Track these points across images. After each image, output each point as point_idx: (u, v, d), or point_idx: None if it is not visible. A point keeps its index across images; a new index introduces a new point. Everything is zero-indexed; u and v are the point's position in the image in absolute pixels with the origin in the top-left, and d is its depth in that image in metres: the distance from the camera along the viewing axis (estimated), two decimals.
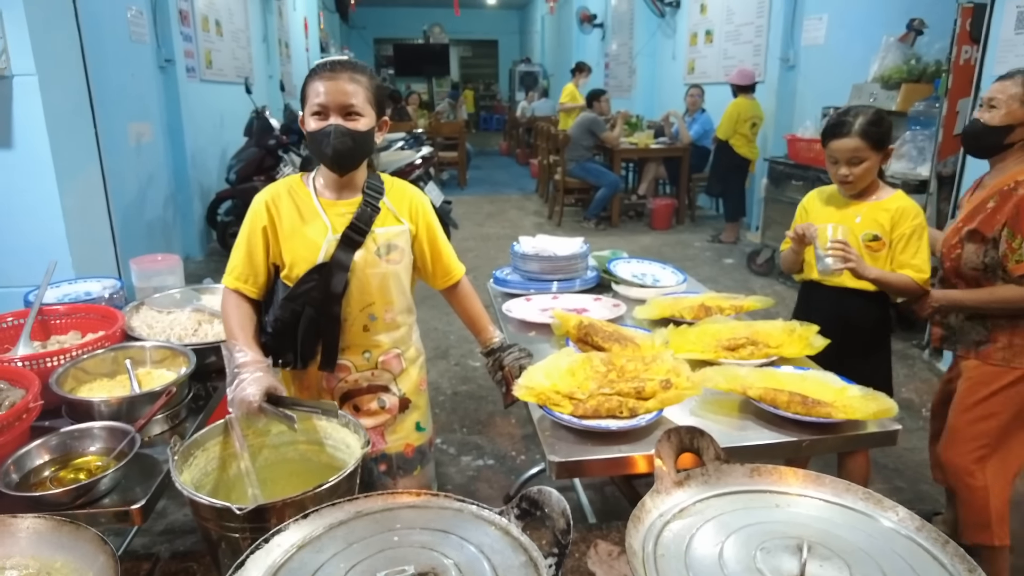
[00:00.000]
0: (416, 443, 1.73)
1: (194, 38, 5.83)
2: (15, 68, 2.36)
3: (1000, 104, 1.85)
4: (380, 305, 1.59)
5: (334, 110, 1.44)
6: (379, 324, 1.61)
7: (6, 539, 1.02)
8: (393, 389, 1.67)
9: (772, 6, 6.37)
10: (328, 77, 1.44)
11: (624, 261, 2.31)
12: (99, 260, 2.77)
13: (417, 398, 1.73)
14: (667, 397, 1.39)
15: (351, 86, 1.44)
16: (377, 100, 1.50)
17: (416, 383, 1.72)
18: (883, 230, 1.95)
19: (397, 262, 1.59)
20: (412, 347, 1.72)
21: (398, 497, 1.06)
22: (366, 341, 1.61)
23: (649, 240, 6.44)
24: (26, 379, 1.41)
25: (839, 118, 1.96)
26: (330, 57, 1.53)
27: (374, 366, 1.64)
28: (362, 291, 1.56)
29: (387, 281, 1.58)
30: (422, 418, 1.75)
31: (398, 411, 1.69)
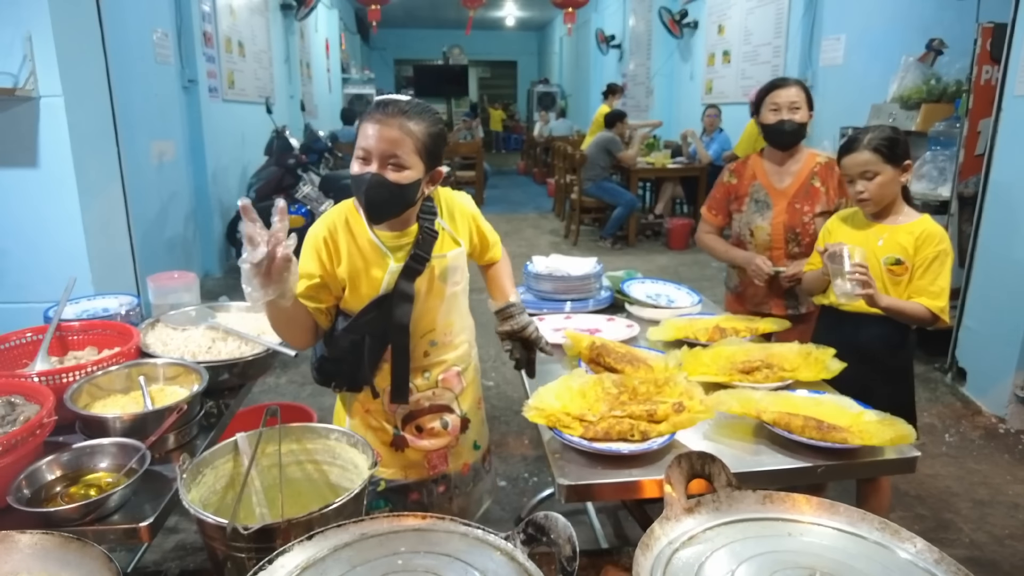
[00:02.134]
0: (471, 461, 1.72)
1: (217, 59, 5.95)
2: (42, 90, 2.41)
3: (802, 106, 2.25)
4: (441, 330, 1.58)
5: (376, 157, 1.36)
6: (439, 348, 1.60)
7: (13, 554, 1.02)
8: (455, 409, 1.65)
9: (790, 26, 6.37)
10: (377, 120, 1.35)
11: (638, 281, 2.30)
12: (118, 277, 2.81)
13: (475, 416, 1.71)
14: (679, 420, 1.37)
15: (399, 134, 1.35)
16: (430, 150, 1.40)
17: (476, 401, 1.72)
18: (906, 254, 1.91)
19: (459, 283, 1.59)
20: (472, 364, 1.71)
21: (404, 520, 1.05)
22: (427, 364, 1.60)
23: (666, 260, 6.41)
24: (41, 394, 1.42)
25: (852, 135, 1.96)
26: (391, 96, 1.41)
27: (434, 385, 1.61)
28: (424, 319, 1.54)
29: (450, 305, 1.58)
30: (479, 436, 1.74)
31: (460, 431, 1.66)
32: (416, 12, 16.12)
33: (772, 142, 2.33)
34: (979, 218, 3.43)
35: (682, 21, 8.97)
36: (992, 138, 3.33)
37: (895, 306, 1.87)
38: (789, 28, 6.38)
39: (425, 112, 1.41)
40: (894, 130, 1.95)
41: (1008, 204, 3.28)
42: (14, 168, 2.49)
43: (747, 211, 2.36)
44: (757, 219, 2.33)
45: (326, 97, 11.14)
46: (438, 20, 17.65)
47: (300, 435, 1.40)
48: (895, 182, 1.93)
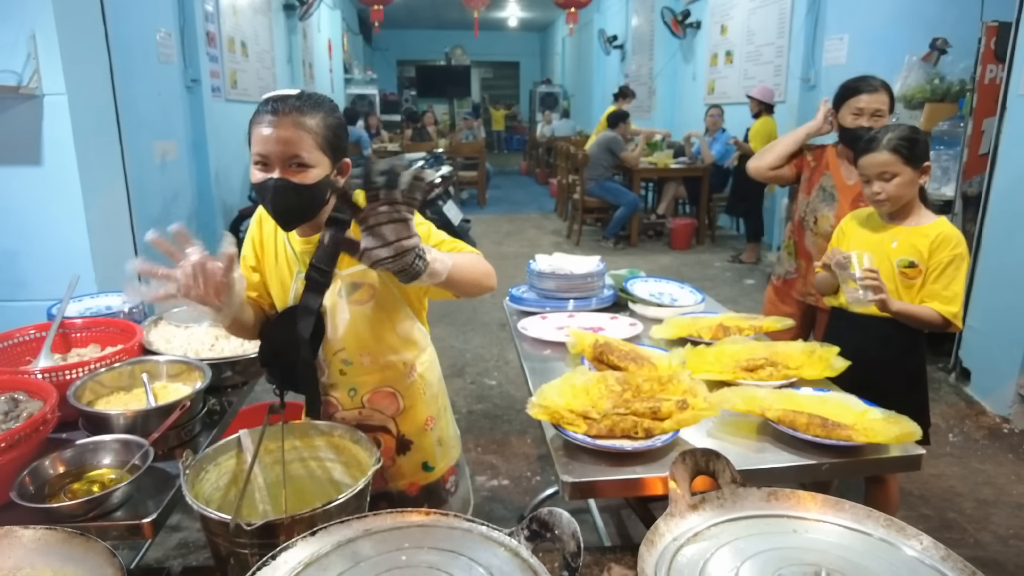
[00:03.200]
0: (423, 482, 1.61)
1: (220, 59, 5.95)
2: (46, 88, 2.42)
3: (885, 114, 2.22)
4: (353, 350, 1.46)
5: (277, 161, 1.25)
6: (355, 368, 1.48)
7: (16, 549, 1.02)
8: (391, 428, 1.54)
9: (793, 26, 6.37)
10: (270, 123, 1.24)
11: (641, 280, 2.29)
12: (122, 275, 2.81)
13: (421, 438, 1.57)
14: (683, 418, 1.36)
15: (295, 133, 1.24)
16: (332, 143, 1.30)
17: (420, 423, 1.57)
18: (920, 257, 1.88)
19: (364, 302, 1.43)
20: (413, 385, 1.54)
21: (407, 516, 1.04)
22: (347, 381, 1.50)
23: (668, 260, 6.40)
24: (44, 391, 1.42)
25: (871, 135, 1.92)
26: (276, 92, 1.30)
27: (361, 404, 1.51)
28: (331, 335, 1.44)
29: (356, 326, 1.43)
30: (430, 457, 1.60)
31: (395, 453, 1.56)
32: (418, 13, 16.13)
33: (848, 144, 2.30)
34: (983, 218, 3.42)
35: (684, 21, 8.97)
36: (996, 137, 3.32)
37: (907, 311, 1.85)
38: (792, 28, 6.37)
39: (319, 103, 1.31)
40: (913, 130, 1.90)
41: (1012, 203, 3.27)
42: (17, 166, 2.50)
43: (814, 198, 2.40)
44: (823, 208, 2.36)
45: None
46: (440, 21, 17.67)
47: (303, 432, 1.39)
48: (913, 184, 1.89)
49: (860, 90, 2.27)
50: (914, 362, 1.98)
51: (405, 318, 1.51)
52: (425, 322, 1.58)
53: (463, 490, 1.74)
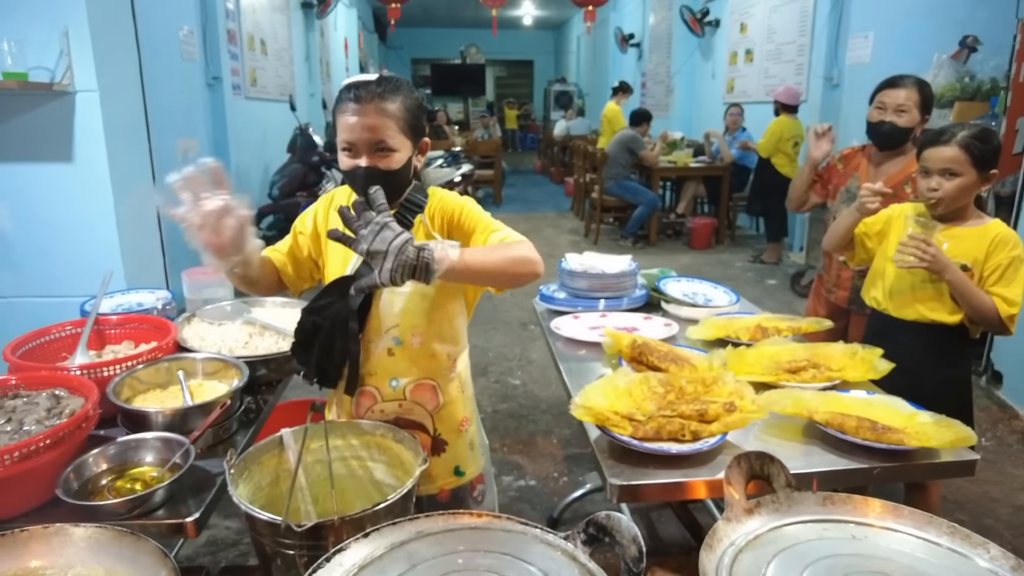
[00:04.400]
0: (450, 487, 1.58)
1: (240, 57, 5.97)
2: (78, 84, 2.42)
3: (910, 109, 2.21)
4: (405, 328, 1.46)
5: (363, 148, 1.31)
6: (405, 349, 1.47)
7: (68, 547, 1.01)
8: (427, 428, 1.52)
9: (815, 25, 6.30)
10: (354, 111, 1.29)
11: (674, 280, 2.27)
12: (149, 272, 2.81)
13: (456, 440, 1.56)
14: (731, 421, 1.34)
15: (379, 120, 1.29)
16: (413, 125, 1.36)
17: (456, 423, 1.55)
18: (975, 260, 1.80)
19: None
20: (453, 381, 1.54)
21: (459, 518, 1.03)
22: (392, 367, 1.48)
23: (688, 259, 6.36)
24: (85, 388, 1.42)
25: (941, 127, 1.84)
26: (358, 77, 1.34)
27: (402, 396, 1.49)
28: (387, 311, 1.44)
29: (415, 303, 1.45)
30: (462, 461, 1.58)
31: (430, 453, 1.54)
32: (433, 11, 16.13)
33: (872, 140, 2.33)
34: (1016, 218, 3.36)
35: (703, 19, 8.90)
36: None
37: (964, 285, 1.74)
38: (815, 26, 6.31)
39: (398, 87, 1.34)
40: (989, 132, 1.80)
41: None
42: (50, 163, 2.51)
43: (839, 200, 2.41)
44: (844, 209, 2.32)
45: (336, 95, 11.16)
46: (455, 19, 17.67)
47: (345, 431, 1.38)
48: (973, 189, 1.80)
49: (888, 84, 2.28)
50: (960, 368, 1.93)
51: (459, 311, 1.53)
52: (472, 307, 1.60)
53: (489, 501, 1.71)
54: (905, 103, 2.21)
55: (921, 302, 1.88)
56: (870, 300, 2.01)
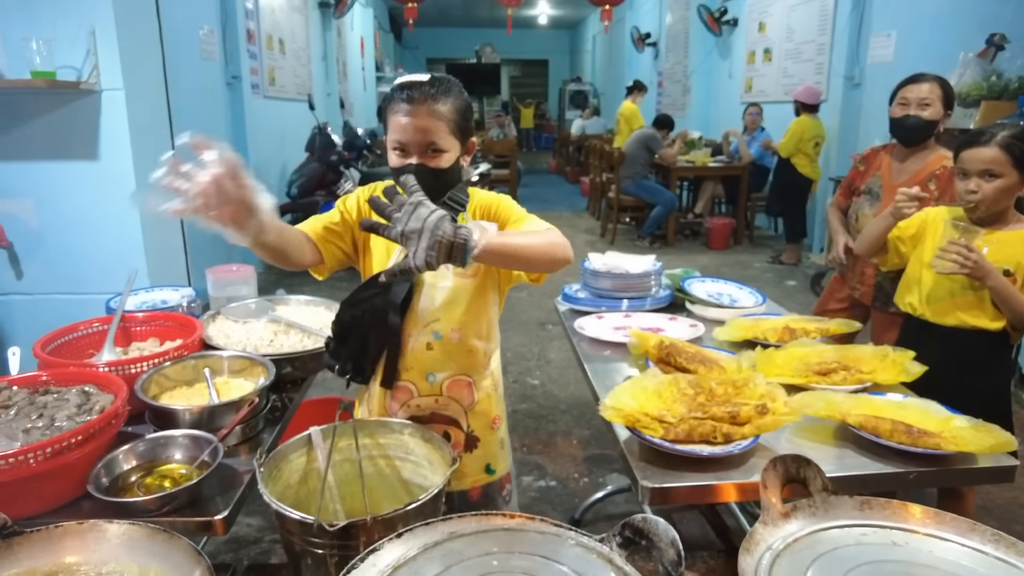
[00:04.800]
0: (481, 484, 1.59)
1: (259, 56, 6.00)
2: (104, 83, 2.44)
3: (933, 103, 2.23)
4: (446, 322, 1.46)
5: (414, 149, 1.33)
6: (444, 344, 1.47)
7: (102, 543, 1.01)
8: (462, 424, 1.53)
9: (836, 24, 6.24)
10: (407, 112, 1.31)
11: (698, 280, 2.25)
12: (172, 269, 2.83)
13: (488, 437, 1.57)
14: (764, 423, 1.32)
15: (431, 121, 1.31)
16: (462, 126, 1.38)
17: (489, 420, 1.57)
18: (1017, 264, 1.76)
19: (468, 276, 1.46)
20: (488, 378, 1.56)
21: (491, 519, 1.02)
22: (430, 362, 1.48)
23: (707, 260, 6.31)
24: (114, 384, 1.42)
25: (981, 127, 1.82)
26: (410, 77, 1.36)
27: (439, 391, 1.50)
28: (428, 305, 1.46)
29: (456, 296, 1.46)
30: (493, 460, 1.59)
31: (463, 449, 1.55)
32: (449, 11, 16.15)
33: (896, 136, 2.34)
34: None
35: (721, 18, 8.85)
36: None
37: (1006, 291, 1.70)
38: (835, 25, 6.24)
39: (449, 88, 1.36)
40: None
41: None
42: (76, 161, 2.53)
43: (861, 199, 2.44)
44: (865, 207, 2.40)
45: (361, 95, 11.21)
46: (471, 19, 17.68)
47: (373, 430, 1.38)
48: (1013, 192, 1.75)
49: (909, 81, 2.32)
50: (1001, 375, 1.89)
51: (494, 306, 1.54)
52: (502, 305, 1.60)
53: (514, 504, 1.72)
54: (928, 96, 2.23)
55: (961, 309, 1.84)
56: (905, 306, 1.98)
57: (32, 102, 2.46)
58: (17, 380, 1.45)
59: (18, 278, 2.63)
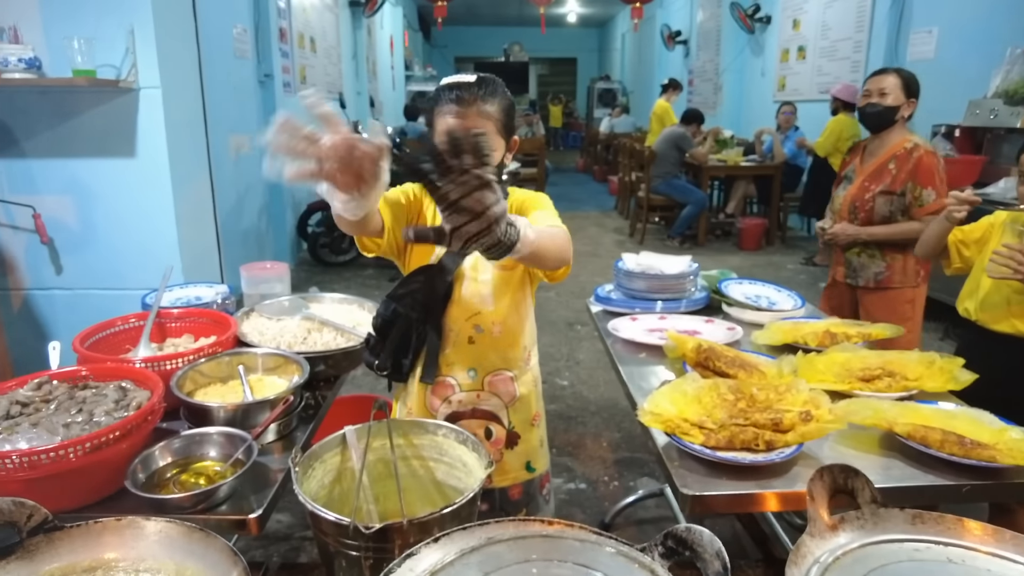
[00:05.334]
0: (522, 482, 1.59)
1: (291, 54, 6.05)
2: (143, 81, 2.47)
3: (891, 92, 2.44)
4: (488, 316, 1.47)
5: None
6: (486, 337, 1.48)
7: (139, 541, 1.01)
8: (503, 420, 1.53)
9: (874, 20, 6.10)
10: (456, 114, 1.32)
11: (735, 282, 2.20)
12: (205, 266, 2.86)
13: (528, 433, 1.58)
14: (808, 431, 1.28)
15: (480, 121, 1.32)
16: (507, 126, 1.39)
17: (529, 416, 1.58)
18: None
19: (509, 268, 1.47)
20: (528, 373, 1.57)
21: (529, 525, 0.99)
22: (472, 356, 1.50)
23: (738, 261, 6.22)
24: (151, 381, 1.43)
25: None
26: (457, 78, 1.36)
27: (480, 387, 1.51)
28: (470, 298, 1.46)
29: (497, 290, 1.47)
30: (533, 457, 1.60)
31: (504, 445, 1.55)
32: (477, 10, 16.16)
33: (862, 123, 2.62)
34: None
35: (754, 16, 8.71)
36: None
37: None
38: (873, 21, 6.10)
39: (496, 87, 1.38)
40: None
41: None
42: (114, 158, 2.56)
43: (840, 185, 2.72)
44: (840, 191, 2.69)
45: (390, 94, 11.26)
46: (499, 17, 17.68)
47: (407, 430, 1.36)
48: None
49: (872, 75, 2.55)
50: None
51: (530, 296, 1.54)
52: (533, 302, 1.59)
53: (552, 505, 1.72)
54: (887, 87, 2.46)
55: (1016, 316, 1.79)
56: (962, 311, 1.93)
57: (72, 100, 2.50)
58: (57, 375, 1.46)
59: (58, 273, 2.67)
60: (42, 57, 2.34)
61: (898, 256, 2.52)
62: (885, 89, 2.45)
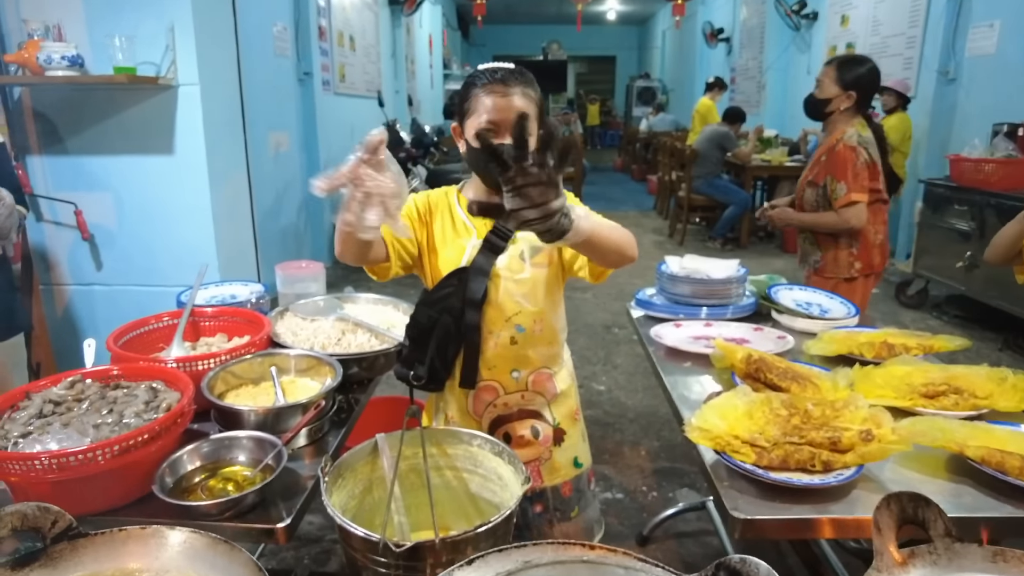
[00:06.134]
0: (571, 479, 1.57)
1: (330, 52, 6.07)
2: (182, 78, 2.46)
3: (823, 82, 2.51)
4: (528, 315, 1.46)
5: (506, 129, 1.31)
6: (528, 337, 1.47)
7: (163, 550, 0.98)
8: (547, 416, 1.52)
9: (929, 15, 5.86)
10: (501, 93, 1.31)
11: (785, 288, 2.10)
12: (242, 264, 2.85)
13: (572, 428, 1.57)
14: (869, 452, 1.19)
15: (525, 102, 1.32)
16: (541, 116, 1.39)
17: (571, 411, 1.57)
18: None
19: (544, 265, 1.45)
20: (565, 368, 1.57)
21: (569, 549, 0.93)
22: (514, 357, 1.48)
23: (782, 264, 6.05)
24: (181, 382, 1.41)
25: None
26: (497, 64, 1.37)
27: (524, 387, 1.50)
28: (508, 299, 1.44)
29: (536, 288, 1.45)
30: (579, 452, 1.59)
31: (552, 443, 1.53)
32: (515, 8, 16.10)
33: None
34: None
35: (800, 12, 8.47)
36: None
37: None
38: (929, 16, 5.86)
39: (532, 78, 1.40)
40: None
41: None
42: (153, 155, 2.57)
43: None
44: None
45: (428, 92, 11.28)
46: (537, 15, 17.59)
47: (441, 439, 1.31)
48: None
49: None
50: None
51: (562, 294, 1.53)
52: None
53: (597, 503, 1.70)
54: (821, 78, 2.52)
55: None
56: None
57: (112, 97, 2.52)
58: (90, 373, 1.45)
59: (98, 269, 2.70)
60: (84, 55, 2.35)
61: (830, 246, 2.55)
62: (821, 80, 2.51)
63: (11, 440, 1.23)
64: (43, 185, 2.63)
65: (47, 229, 2.65)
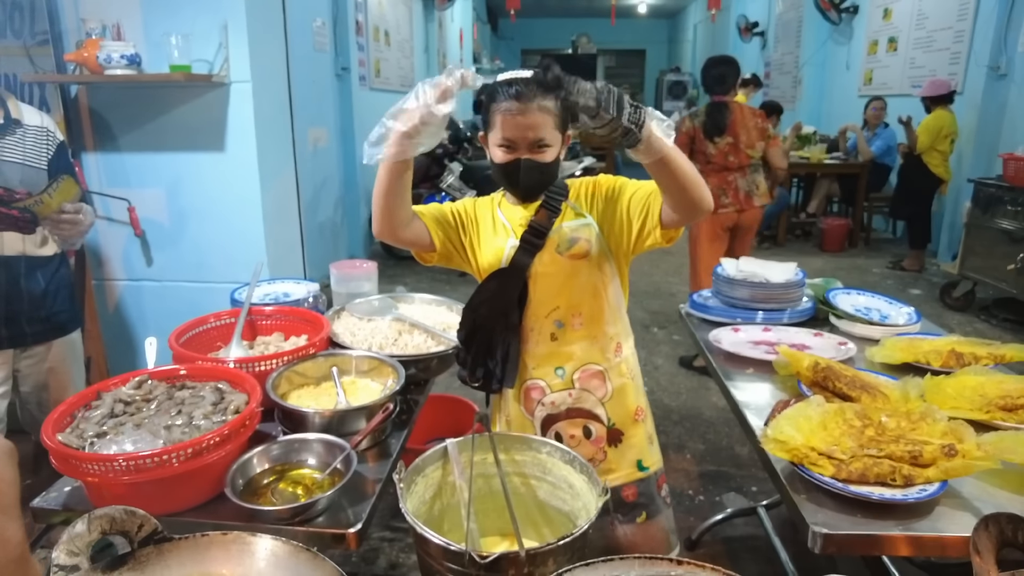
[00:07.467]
0: (635, 481, 1.53)
1: (366, 48, 6.09)
2: (234, 75, 2.48)
3: None
4: (566, 309, 1.45)
5: (522, 145, 1.34)
6: (568, 332, 1.46)
7: (246, 557, 0.98)
8: (601, 416, 1.50)
9: (980, 8, 5.69)
10: (517, 110, 1.30)
11: (843, 292, 2.05)
12: (290, 261, 2.87)
13: (632, 429, 1.52)
14: (953, 467, 1.15)
15: (539, 117, 1.31)
16: (564, 120, 1.37)
17: (629, 412, 1.52)
18: None
19: (582, 256, 1.42)
20: (621, 365, 1.52)
21: (656, 564, 0.92)
22: (556, 354, 1.47)
23: (821, 263, 5.94)
24: (247, 383, 1.41)
25: None
26: (515, 74, 1.35)
27: (570, 384, 1.48)
28: (545, 294, 1.44)
29: (573, 280, 1.44)
30: (643, 455, 1.54)
31: (606, 444, 1.50)
32: (545, 1, 16.01)
33: None
34: None
35: (840, 5, 8.30)
36: None
37: None
38: (979, 9, 5.70)
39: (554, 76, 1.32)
40: None
41: None
42: (206, 152, 2.59)
43: None
44: None
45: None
46: (567, 9, 17.47)
47: (509, 445, 1.31)
48: None
49: None
50: None
51: (617, 292, 1.50)
52: (627, 289, 1.55)
53: (671, 512, 1.65)
54: None
55: None
56: None
57: (166, 95, 2.54)
58: (156, 373, 1.46)
59: (148, 265, 2.73)
60: (141, 53, 2.37)
61: None
62: None
63: (87, 440, 1.25)
64: (97, 182, 2.67)
65: (100, 225, 2.70)
